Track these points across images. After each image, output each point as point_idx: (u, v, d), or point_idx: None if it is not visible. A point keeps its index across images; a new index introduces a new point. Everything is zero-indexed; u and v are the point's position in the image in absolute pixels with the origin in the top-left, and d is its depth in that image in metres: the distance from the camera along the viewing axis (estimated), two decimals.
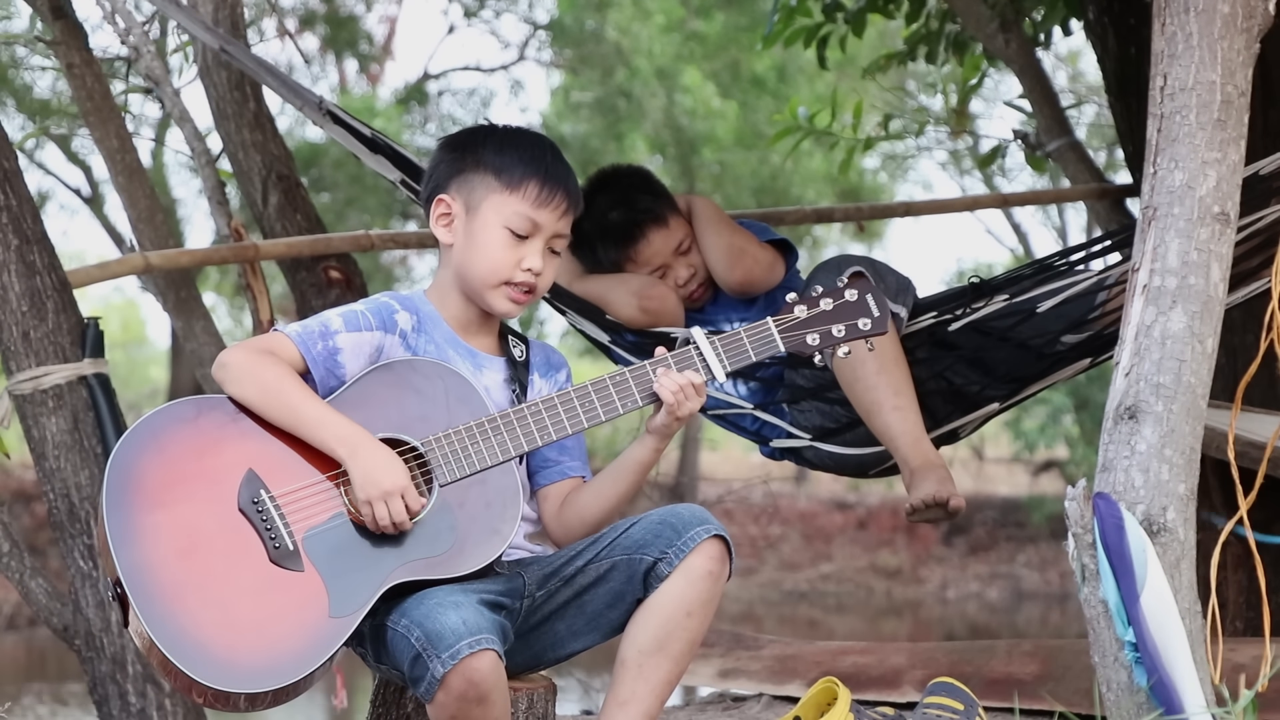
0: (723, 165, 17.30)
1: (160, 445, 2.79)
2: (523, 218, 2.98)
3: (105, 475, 2.75)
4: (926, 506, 3.80)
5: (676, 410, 2.89)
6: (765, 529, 19.61)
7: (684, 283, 4.33)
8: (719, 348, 2.92)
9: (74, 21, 5.19)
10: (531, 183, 2.98)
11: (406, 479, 2.80)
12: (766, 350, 2.94)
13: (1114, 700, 2.72)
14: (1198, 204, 2.81)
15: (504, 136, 3.05)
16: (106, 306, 27.43)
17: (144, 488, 2.75)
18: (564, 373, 3.13)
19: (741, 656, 4.61)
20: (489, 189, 2.99)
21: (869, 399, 3.91)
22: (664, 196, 4.38)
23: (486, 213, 2.99)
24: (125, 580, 2.69)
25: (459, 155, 3.04)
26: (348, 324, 2.93)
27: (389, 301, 3.01)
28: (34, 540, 15.04)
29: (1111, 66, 5.87)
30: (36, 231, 4.61)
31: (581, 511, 3.01)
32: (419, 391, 2.88)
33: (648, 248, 4.31)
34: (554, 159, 3.03)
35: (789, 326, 2.95)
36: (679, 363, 2.91)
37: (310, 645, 2.71)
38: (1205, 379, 2.79)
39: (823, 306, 2.96)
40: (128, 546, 2.71)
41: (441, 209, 3.03)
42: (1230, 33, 2.84)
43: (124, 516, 2.73)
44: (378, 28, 19.84)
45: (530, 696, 2.89)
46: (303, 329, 2.92)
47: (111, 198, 17.88)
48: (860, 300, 2.97)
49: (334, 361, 2.90)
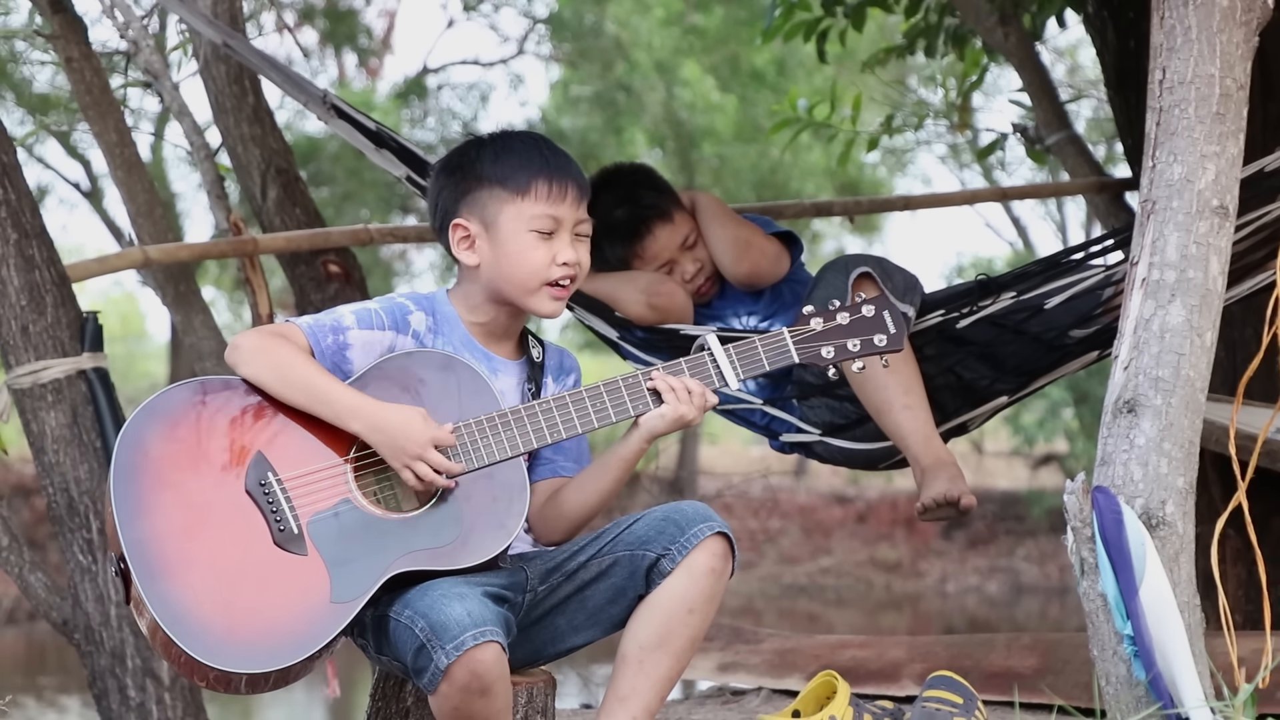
0: (722, 159, 17.29)
1: (171, 423, 2.80)
2: (543, 217, 2.97)
3: (114, 449, 2.76)
4: (938, 505, 3.80)
5: (677, 406, 2.88)
6: (765, 523, 19.61)
7: (691, 277, 4.33)
8: (733, 355, 2.92)
9: (73, 16, 5.19)
10: (539, 182, 2.97)
11: (427, 429, 2.80)
12: (781, 361, 2.94)
13: (1113, 694, 2.72)
14: (1196, 197, 2.81)
15: (496, 145, 3.03)
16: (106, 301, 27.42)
17: (152, 465, 2.76)
18: (574, 376, 3.13)
19: (741, 650, 4.61)
20: (501, 200, 2.98)
21: (879, 398, 3.91)
22: (668, 192, 4.39)
23: (506, 223, 2.98)
24: (128, 555, 2.70)
25: (459, 177, 3.02)
26: (360, 321, 2.94)
27: (404, 302, 3.01)
28: (33, 535, 15.04)
29: (1110, 60, 5.87)
30: (35, 226, 4.61)
31: (563, 508, 3.01)
32: (430, 383, 2.89)
33: (654, 243, 4.31)
34: (551, 152, 3.02)
35: (804, 339, 2.95)
36: (692, 369, 2.91)
37: (310, 629, 2.71)
38: (1204, 373, 2.79)
39: (839, 321, 2.96)
40: (133, 522, 2.72)
41: (460, 233, 3.01)
42: (1229, 26, 2.84)
43: (131, 492, 2.74)
44: (377, 22, 19.83)
45: (530, 691, 2.90)
46: (314, 321, 2.93)
47: (111, 192, 17.88)
48: (877, 316, 2.98)
49: (342, 356, 2.90)
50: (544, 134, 3.14)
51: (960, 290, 4.21)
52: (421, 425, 2.81)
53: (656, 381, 2.89)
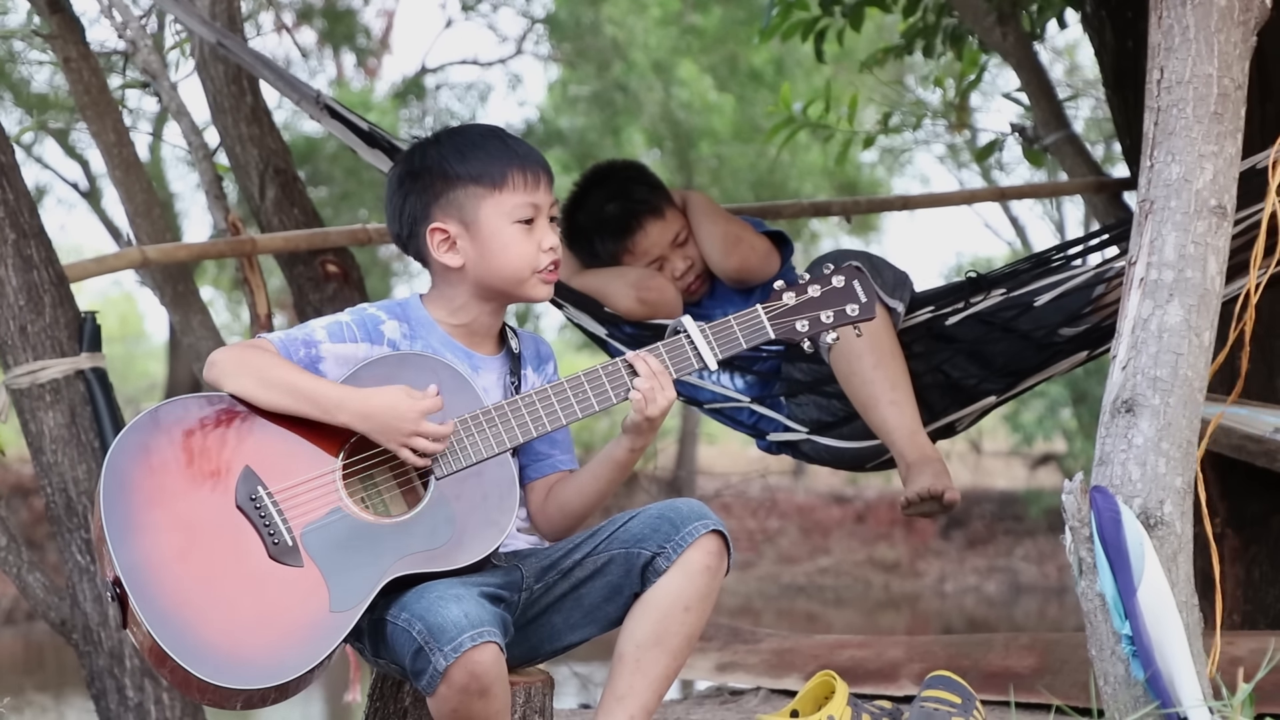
0: (720, 159, 17.30)
1: (156, 444, 2.79)
2: (524, 206, 2.97)
3: (101, 478, 2.75)
4: (921, 500, 3.80)
5: (645, 409, 2.88)
6: (763, 523, 19.62)
7: (681, 274, 4.34)
8: (710, 336, 2.92)
9: (71, 16, 5.19)
10: (513, 172, 2.97)
11: (411, 405, 2.80)
12: (757, 337, 2.94)
13: (1111, 693, 2.72)
14: (1194, 197, 2.81)
15: (456, 142, 3.01)
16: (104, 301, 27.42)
17: (140, 488, 2.75)
18: (552, 364, 3.13)
19: (739, 650, 4.61)
20: (479, 197, 2.96)
21: (865, 393, 3.91)
22: (659, 189, 4.40)
23: (488, 219, 2.97)
24: (125, 580, 2.69)
25: (425, 182, 2.99)
26: (331, 335, 2.93)
27: (375, 313, 2.99)
28: (31, 535, 15.04)
29: (1109, 60, 5.87)
30: (34, 226, 4.61)
31: (563, 504, 3.02)
32: (412, 385, 2.88)
33: (645, 239, 4.32)
34: (514, 141, 3.02)
35: (778, 313, 2.95)
36: (670, 352, 2.91)
37: (312, 640, 2.70)
38: (1202, 372, 2.79)
39: (810, 293, 2.97)
40: (126, 547, 2.71)
41: (439, 237, 2.98)
42: (1227, 25, 2.84)
43: (121, 517, 2.73)
44: (375, 22, 19.84)
45: (528, 691, 2.90)
46: (286, 336, 2.93)
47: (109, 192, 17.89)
48: (847, 286, 2.98)
49: (315, 370, 2.90)
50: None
51: (950, 288, 4.22)
52: (408, 401, 2.81)
53: (636, 365, 2.89)
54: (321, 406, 2.82)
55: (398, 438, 2.81)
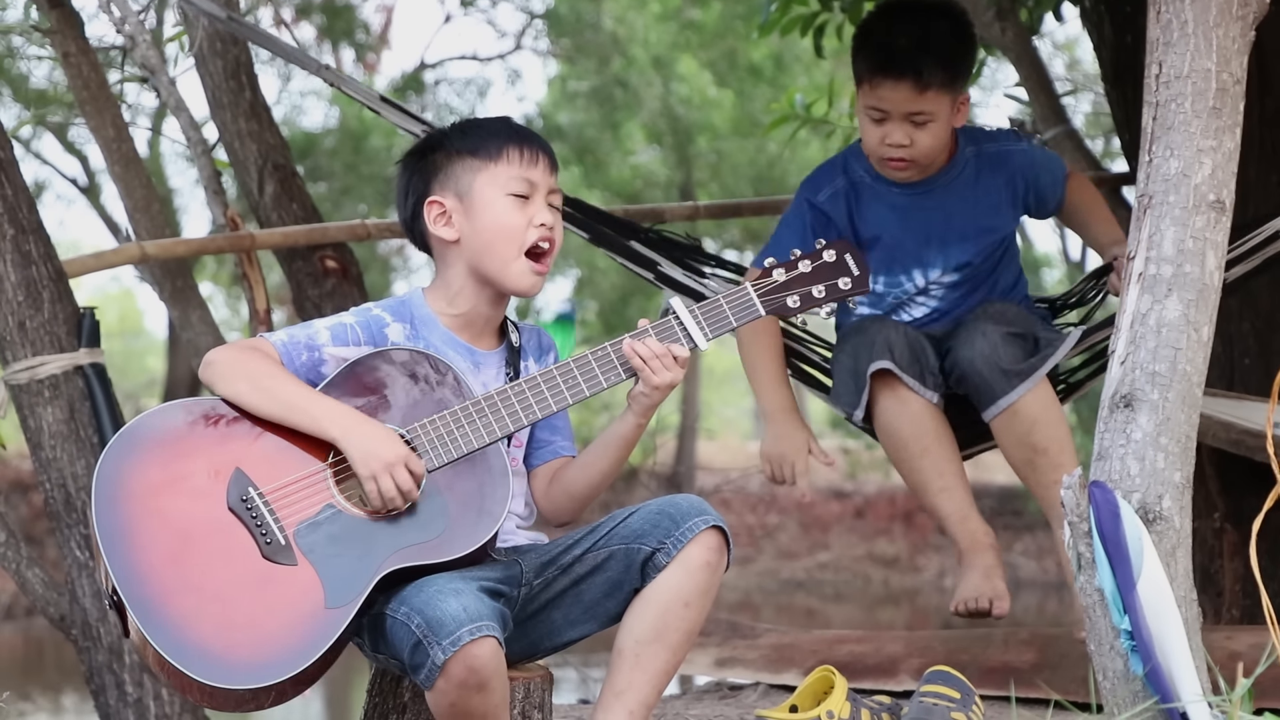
0: (719, 154, 17.30)
1: (146, 451, 2.80)
2: (518, 179, 2.98)
3: (93, 487, 2.76)
4: (969, 614, 3.82)
5: (652, 379, 2.89)
6: (762, 518, 19.62)
7: (894, 144, 3.88)
8: (699, 316, 2.92)
9: (70, 10, 5.19)
10: (510, 147, 2.99)
11: (404, 449, 2.80)
12: (747, 315, 2.93)
13: (1110, 688, 2.72)
14: (1193, 192, 2.81)
15: (460, 125, 3.07)
16: (103, 296, 27.43)
17: (132, 494, 2.76)
18: (553, 354, 3.14)
19: (738, 645, 4.61)
20: (474, 170, 2.99)
21: (914, 480, 3.92)
22: (968, 61, 3.94)
23: (480, 190, 2.98)
24: (120, 590, 2.69)
25: (428, 159, 3.04)
26: (335, 338, 2.94)
27: (380, 314, 3.00)
28: (31, 530, 15.04)
29: (1108, 54, 5.86)
30: (32, 221, 4.61)
31: (568, 486, 3.03)
32: (402, 379, 2.88)
33: (894, 93, 3.83)
34: (517, 125, 3.05)
35: (768, 290, 2.94)
36: (660, 334, 2.91)
37: (309, 637, 2.70)
38: (1201, 367, 2.79)
39: (801, 269, 2.95)
40: (121, 554, 2.71)
41: (436, 210, 3.01)
42: (1225, 20, 2.84)
43: (115, 524, 2.73)
44: (374, 17, 19.79)
45: (528, 686, 2.90)
46: (289, 338, 2.93)
47: (108, 187, 17.91)
48: (839, 260, 2.97)
49: (317, 374, 2.90)
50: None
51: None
52: (398, 441, 2.80)
53: (626, 351, 2.89)
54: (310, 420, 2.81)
55: (370, 464, 2.78)
